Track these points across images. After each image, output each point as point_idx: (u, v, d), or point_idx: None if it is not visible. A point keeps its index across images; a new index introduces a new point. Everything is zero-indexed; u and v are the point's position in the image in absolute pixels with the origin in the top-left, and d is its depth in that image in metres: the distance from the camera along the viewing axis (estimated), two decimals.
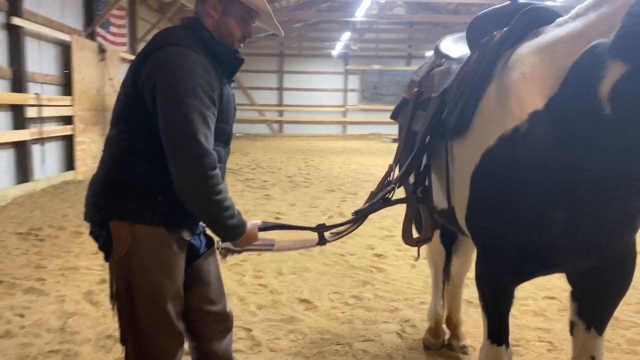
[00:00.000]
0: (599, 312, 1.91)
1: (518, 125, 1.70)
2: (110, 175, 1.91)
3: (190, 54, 1.83)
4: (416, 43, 23.70)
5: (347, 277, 4.60)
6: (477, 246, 1.92)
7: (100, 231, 1.92)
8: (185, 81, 1.78)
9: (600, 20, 1.56)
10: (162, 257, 1.91)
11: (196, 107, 1.77)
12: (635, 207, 1.68)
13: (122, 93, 1.95)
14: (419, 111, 2.38)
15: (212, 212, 1.83)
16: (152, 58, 1.84)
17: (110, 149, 1.94)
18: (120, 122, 1.93)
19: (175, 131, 1.76)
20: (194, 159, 1.75)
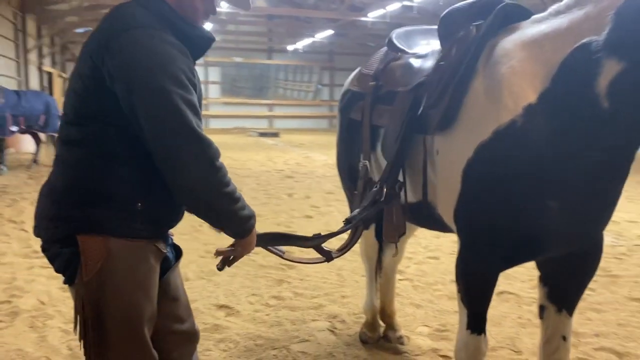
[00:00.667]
0: (571, 295, 2.04)
1: (514, 119, 1.74)
2: (78, 182, 1.61)
3: (163, 37, 1.58)
4: (277, 37, 23.83)
5: (260, 277, 4.45)
6: (465, 238, 1.94)
7: (62, 248, 1.61)
8: (165, 68, 1.53)
9: (587, 19, 1.65)
10: (140, 273, 1.66)
11: (183, 96, 1.53)
12: (614, 196, 1.81)
13: (78, 86, 1.63)
14: (381, 105, 2.35)
15: (226, 206, 1.61)
16: (116, 44, 1.55)
17: (75, 151, 1.63)
18: (85, 121, 1.62)
19: (166, 127, 1.51)
20: (195, 155, 1.53)
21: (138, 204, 1.62)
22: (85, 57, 1.63)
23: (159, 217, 1.70)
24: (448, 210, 1.98)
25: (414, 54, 2.38)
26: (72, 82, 1.67)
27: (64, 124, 1.68)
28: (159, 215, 1.70)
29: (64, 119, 1.69)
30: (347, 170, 2.88)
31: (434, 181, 2.06)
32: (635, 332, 3.38)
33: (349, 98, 2.67)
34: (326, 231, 2.48)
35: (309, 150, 15.92)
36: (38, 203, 1.71)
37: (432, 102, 1.98)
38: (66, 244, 1.61)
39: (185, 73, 1.56)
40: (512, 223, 1.79)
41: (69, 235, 1.60)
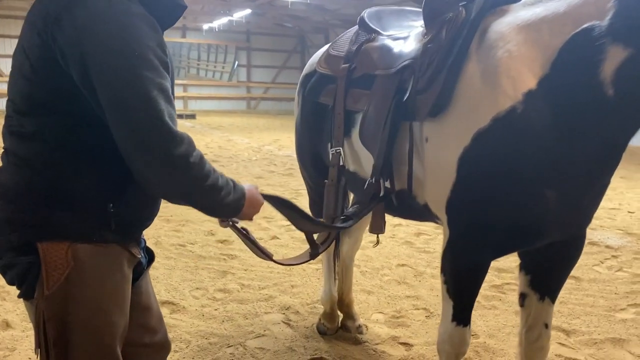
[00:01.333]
0: (554, 282, 2.04)
1: (514, 105, 1.68)
2: (36, 180, 1.36)
3: (127, 5, 1.33)
4: (192, 14, 22.83)
5: (201, 269, 4.22)
6: (457, 229, 1.87)
7: (16, 258, 1.37)
8: (131, 46, 1.28)
9: (586, 3, 1.61)
10: (112, 283, 1.44)
11: (152, 80, 1.29)
12: (605, 186, 1.81)
13: (26, 68, 1.35)
14: (356, 89, 2.21)
15: (209, 201, 1.42)
16: (68, 17, 1.28)
17: (30, 145, 1.37)
18: (39, 109, 1.35)
19: (134, 120, 1.27)
20: (168, 154, 1.29)
21: (109, 204, 1.40)
22: (30, 34, 1.35)
23: (133, 218, 1.49)
24: (438, 200, 1.90)
25: (390, 36, 2.26)
26: (18, 63, 1.39)
27: (13, 112, 1.40)
28: (134, 216, 1.48)
29: (11, 107, 1.41)
30: (311, 157, 2.73)
31: (418, 170, 1.97)
32: (577, 309, 3.55)
33: (316, 81, 2.51)
34: (269, 218, 2.29)
35: (230, 133, 15.50)
36: None
37: (421, 86, 1.88)
38: (23, 251, 1.37)
39: (154, 52, 1.33)
40: (509, 212, 1.74)
41: (26, 241, 1.36)
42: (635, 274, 4.24)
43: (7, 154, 1.42)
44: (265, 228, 5.43)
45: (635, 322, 3.36)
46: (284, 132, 16.82)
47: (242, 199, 1.50)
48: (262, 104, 27.33)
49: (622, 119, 1.60)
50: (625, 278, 4.15)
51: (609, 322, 3.36)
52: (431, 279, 4.08)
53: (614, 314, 3.49)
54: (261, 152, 11.48)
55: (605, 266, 4.41)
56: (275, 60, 27.36)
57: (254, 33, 26.38)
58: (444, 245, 1.97)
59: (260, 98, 27.30)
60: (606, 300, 3.71)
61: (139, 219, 1.52)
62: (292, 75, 28.08)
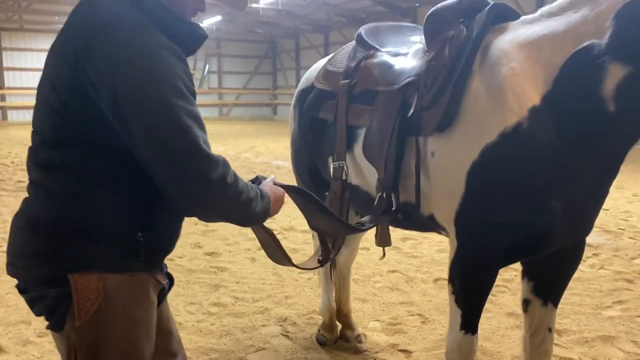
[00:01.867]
0: (557, 288, 2.11)
1: (520, 121, 1.74)
2: (67, 212, 1.36)
3: (155, 37, 1.35)
4: None
5: (193, 283, 4.19)
6: (465, 240, 1.91)
7: (47, 290, 1.37)
8: (161, 76, 1.29)
9: (585, 22, 1.68)
10: (141, 310, 1.45)
11: (184, 107, 1.30)
12: (606, 194, 1.89)
13: (54, 101, 1.35)
14: (357, 105, 2.25)
15: (243, 213, 1.46)
16: (99, 48, 1.29)
17: (60, 178, 1.37)
18: (69, 142, 1.36)
19: (170, 149, 1.28)
20: (207, 179, 1.31)
21: (138, 234, 1.40)
22: (57, 64, 1.36)
23: (161, 245, 1.50)
24: (446, 213, 1.95)
25: (388, 52, 2.31)
26: (45, 96, 1.39)
27: (40, 145, 1.40)
28: (161, 242, 1.50)
29: (38, 140, 1.40)
30: (308, 170, 2.76)
31: (424, 183, 2.02)
32: (565, 308, 3.65)
33: (314, 96, 2.54)
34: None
35: None
36: (12, 238, 1.44)
37: (427, 103, 1.93)
38: (53, 284, 1.36)
39: (183, 81, 1.35)
40: (517, 223, 1.80)
41: (57, 274, 1.36)
42: (617, 271, 4.39)
43: (34, 186, 1.42)
44: (252, 238, 5.42)
45: (622, 319, 3.48)
46: (259, 138, 16.79)
47: (268, 204, 1.54)
48: (234, 110, 27.24)
49: (623, 133, 1.68)
50: (608, 276, 4.29)
51: (597, 320, 3.47)
52: (422, 284, 4.14)
53: (601, 311, 3.61)
54: (239, 160, 11.44)
55: (587, 265, 4.54)
56: (246, 66, 27.30)
57: (225, 39, 26.28)
58: (451, 256, 2.02)
59: (232, 104, 27.20)
60: (592, 298, 3.83)
61: (166, 245, 1.53)
62: (263, 80, 28.06)
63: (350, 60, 2.39)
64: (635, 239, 5.29)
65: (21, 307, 3.63)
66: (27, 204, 1.44)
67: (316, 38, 24.05)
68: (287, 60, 27.16)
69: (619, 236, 5.40)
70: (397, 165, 2.02)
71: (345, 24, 21.29)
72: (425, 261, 4.70)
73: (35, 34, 22.82)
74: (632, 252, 4.86)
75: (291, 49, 26.66)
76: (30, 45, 22.84)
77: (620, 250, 4.93)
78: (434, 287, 4.11)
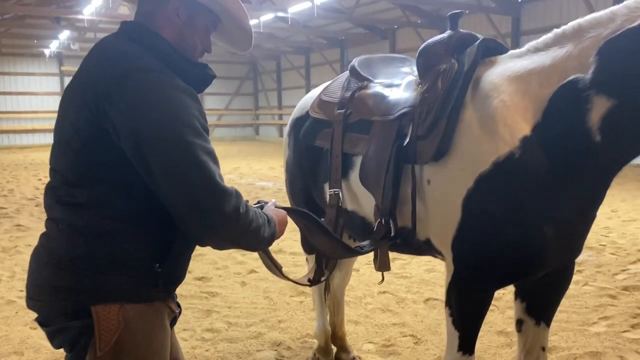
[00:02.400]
0: (549, 307, 2.20)
1: (512, 150, 1.84)
2: (89, 248, 1.43)
3: (172, 80, 1.45)
4: None
5: (185, 309, 4.16)
6: (462, 265, 1.99)
7: (68, 322, 1.43)
8: (180, 117, 1.39)
9: (569, 57, 1.79)
10: (159, 339, 1.52)
11: (201, 145, 1.40)
12: (594, 216, 1.98)
13: (75, 142, 1.43)
14: (353, 133, 2.33)
15: (253, 240, 1.54)
16: (119, 92, 1.38)
17: (81, 214, 1.43)
18: (90, 181, 1.43)
19: (188, 184, 1.36)
20: (222, 212, 1.39)
21: (156, 265, 1.48)
22: (78, 108, 1.44)
23: (176, 275, 1.59)
24: (443, 238, 2.03)
25: (381, 83, 2.40)
26: (65, 137, 1.46)
27: (61, 184, 1.47)
28: (176, 273, 1.59)
29: (59, 179, 1.48)
30: (304, 195, 2.82)
31: (420, 209, 2.09)
32: (554, 325, 3.71)
33: (310, 125, 2.62)
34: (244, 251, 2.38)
35: None
36: (34, 274, 1.49)
37: (422, 133, 2.02)
38: (75, 316, 1.43)
39: (198, 119, 1.44)
40: (512, 248, 1.88)
41: (80, 307, 1.42)
42: (600, 287, 4.50)
43: (56, 222, 1.48)
44: (241, 262, 5.44)
45: (608, 334, 3.57)
46: (243, 159, 16.81)
47: (274, 227, 1.62)
48: (216, 130, 27.25)
49: (609, 161, 1.78)
50: (592, 292, 4.40)
51: (584, 337, 3.56)
52: (413, 305, 4.20)
53: (587, 327, 3.70)
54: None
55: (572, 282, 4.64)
56: (228, 87, 27.39)
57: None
58: (447, 279, 2.09)
59: (214, 125, 27.21)
60: (578, 315, 3.93)
61: (180, 274, 1.62)
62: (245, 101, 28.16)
63: (344, 90, 2.48)
64: (616, 255, 5.43)
65: (12, 337, 3.60)
66: (48, 239, 1.50)
67: (297, 59, 24.30)
68: (269, 81, 27.35)
69: (600, 252, 5.54)
70: (394, 192, 2.09)
71: (325, 45, 21.58)
72: (414, 281, 4.76)
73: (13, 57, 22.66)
74: (614, 268, 4.99)
75: (272, 70, 26.88)
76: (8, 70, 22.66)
77: (603, 266, 5.06)
78: (424, 307, 4.17)
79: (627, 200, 8.40)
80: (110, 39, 1.54)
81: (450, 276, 2.06)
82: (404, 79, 2.35)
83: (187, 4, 1.55)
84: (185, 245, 1.57)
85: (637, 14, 1.68)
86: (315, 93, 2.75)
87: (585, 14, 1.84)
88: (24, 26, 19.30)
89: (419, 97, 2.09)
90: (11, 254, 5.75)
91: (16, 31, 20.20)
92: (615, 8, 1.76)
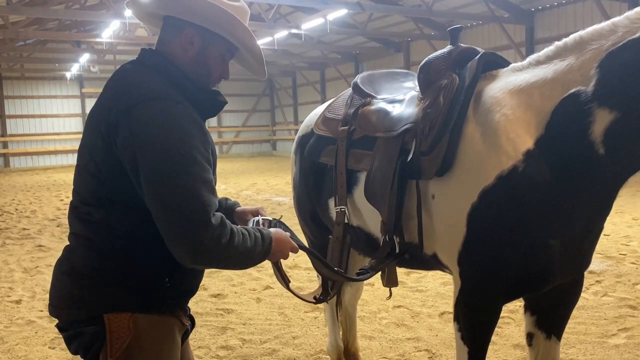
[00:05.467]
0: (559, 321, 2.17)
1: (515, 164, 1.83)
2: (104, 262, 1.53)
3: (181, 110, 1.50)
4: None
5: (200, 326, 4.21)
6: (469, 279, 1.98)
7: (85, 327, 1.52)
8: (178, 148, 1.45)
9: (571, 70, 1.79)
10: (167, 349, 1.59)
11: (198, 174, 1.47)
12: (601, 228, 1.97)
13: (92, 167, 1.53)
14: (357, 150, 2.35)
15: (242, 261, 1.59)
16: (125, 121, 1.45)
17: (98, 231, 1.55)
18: (106, 202, 1.53)
19: (173, 214, 1.44)
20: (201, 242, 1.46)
21: (165, 279, 1.57)
22: (94, 136, 1.53)
23: (185, 288, 1.66)
24: (450, 253, 2.02)
25: (384, 99, 2.42)
26: (84, 162, 1.57)
27: (81, 203, 1.57)
28: (185, 286, 1.66)
29: (79, 199, 1.59)
30: (310, 212, 2.84)
31: (427, 224, 2.10)
32: (571, 338, 3.67)
33: (314, 142, 2.64)
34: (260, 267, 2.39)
35: None
36: (55, 281, 1.61)
37: (425, 148, 2.02)
38: (89, 323, 1.53)
39: (198, 149, 1.50)
40: (518, 262, 1.87)
41: (93, 315, 1.52)
42: (620, 297, 4.42)
43: (77, 237, 1.58)
44: (257, 278, 5.46)
45: (628, 346, 3.50)
46: (260, 175, 16.91)
47: (269, 245, 1.64)
48: (234, 147, 27.51)
49: (613, 173, 1.77)
50: (612, 303, 4.32)
51: (603, 349, 3.49)
52: (428, 319, 4.17)
53: (606, 340, 3.63)
54: (240, 198, 11.51)
55: (591, 292, 4.57)
56: (245, 104, 27.67)
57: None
58: (455, 294, 2.08)
59: (232, 142, 27.47)
60: (597, 326, 3.85)
61: (189, 289, 1.68)
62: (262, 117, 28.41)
63: (348, 107, 2.51)
64: (637, 264, 5.33)
65: (31, 357, 3.66)
66: (70, 251, 1.60)
67: (312, 75, 24.47)
68: (285, 97, 27.56)
69: (620, 262, 5.44)
70: (398, 209, 2.10)
71: (340, 60, 21.70)
72: (430, 295, 4.73)
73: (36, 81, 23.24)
74: (635, 278, 4.89)
75: (288, 86, 27.10)
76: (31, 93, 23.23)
77: (623, 276, 4.97)
78: (439, 321, 4.13)
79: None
80: (127, 67, 1.62)
81: (458, 291, 2.05)
82: (407, 94, 2.36)
83: (201, 32, 1.60)
84: None
85: (638, 25, 1.68)
86: (320, 110, 2.78)
87: (600, 21, 1.83)
88: (46, 51, 19.81)
89: (422, 113, 2.10)
90: (32, 275, 5.86)
91: (38, 55, 20.75)
92: (617, 19, 1.76)
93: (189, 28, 1.59)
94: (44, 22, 18.05)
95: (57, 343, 3.87)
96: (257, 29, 15.12)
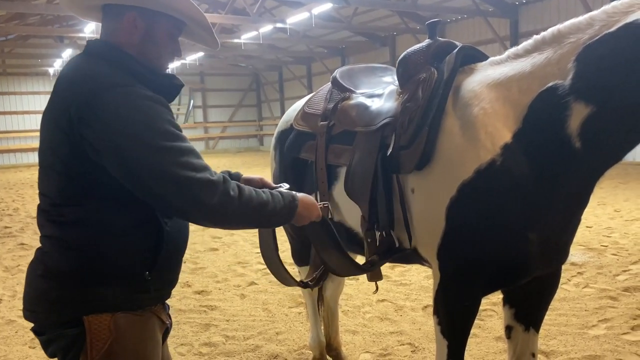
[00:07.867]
0: (537, 313, 2.18)
1: (493, 158, 1.84)
2: (83, 261, 1.49)
3: (140, 91, 1.49)
4: None
5: (183, 323, 4.19)
6: (448, 272, 1.98)
7: (62, 331, 1.48)
8: (153, 126, 1.44)
9: (549, 63, 1.79)
10: (148, 348, 1.57)
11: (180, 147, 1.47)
12: (578, 221, 1.98)
13: (57, 165, 1.48)
14: (337, 145, 2.34)
15: (261, 216, 1.59)
16: (91, 113, 1.42)
17: (74, 231, 1.50)
18: (79, 199, 1.49)
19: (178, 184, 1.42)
20: (215, 202, 1.46)
21: (146, 273, 1.54)
22: (53, 131, 1.48)
23: (166, 280, 1.65)
24: (429, 247, 2.03)
25: (363, 94, 2.41)
26: (48, 162, 1.52)
27: (50, 206, 1.52)
28: (166, 277, 1.64)
29: (47, 201, 1.53)
30: None
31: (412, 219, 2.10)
32: (552, 329, 3.71)
33: (294, 137, 2.62)
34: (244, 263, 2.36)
35: None
36: (30, 285, 1.56)
37: (404, 142, 2.02)
38: (68, 325, 1.49)
39: (171, 122, 1.49)
40: (497, 255, 1.88)
41: (73, 316, 1.49)
42: (601, 289, 4.46)
43: (49, 239, 1.53)
44: (242, 274, 5.44)
45: (607, 337, 3.54)
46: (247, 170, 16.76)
47: (293, 201, 1.66)
48: (220, 143, 27.36)
49: (590, 167, 1.78)
50: (593, 294, 4.36)
51: (583, 340, 3.52)
52: (411, 312, 4.18)
53: (586, 331, 3.67)
54: None
55: (572, 284, 4.62)
56: (231, 99, 27.53)
57: (208, 74, 26.56)
58: (435, 288, 2.08)
59: (218, 137, 27.32)
60: (578, 318, 3.89)
61: (171, 279, 1.67)
62: (248, 112, 28.29)
63: (327, 102, 2.49)
64: (618, 256, 5.39)
65: (11, 357, 3.61)
66: (43, 254, 1.55)
67: (299, 69, 24.39)
68: (271, 92, 27.46)
69: (602, 253, 5.49)
70: (388, 204, 2.10)
71: (326, 54, 21.66)
72: (414, 288, 4.74)
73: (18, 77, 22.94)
74: (616, 269, 4.95)
75: (274, 81, 27.00)
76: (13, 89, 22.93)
77: (604, 267, 5.02)
78: (423, 314, 4.15)
79: (630, 200, 8.35)
80: (76, 60, 1.58)
81: (437, 284, 2.05)
82: (386, 88, 2.35)
83: (142, 14, 1.57)
84: (173, 250, 1.62)
85: (614, 19, 1.68)
86: (299, 105, 2.76)
87: (582, 14, 1.84)
88: (28, 46, 19.51)
89: (401, 107, 2.09)
90: (13, 273, 5.79)
91: (20, 51, 20.43)
92: (594, 13, 1.76)
93: (130, 12, 1.55)
94: (26, 17, 17.78)
95: (37, 343, 3.82)
96: (242, 23, 15.04)
